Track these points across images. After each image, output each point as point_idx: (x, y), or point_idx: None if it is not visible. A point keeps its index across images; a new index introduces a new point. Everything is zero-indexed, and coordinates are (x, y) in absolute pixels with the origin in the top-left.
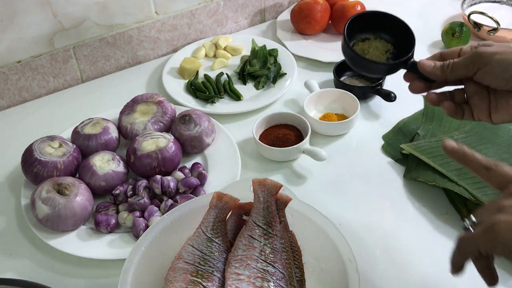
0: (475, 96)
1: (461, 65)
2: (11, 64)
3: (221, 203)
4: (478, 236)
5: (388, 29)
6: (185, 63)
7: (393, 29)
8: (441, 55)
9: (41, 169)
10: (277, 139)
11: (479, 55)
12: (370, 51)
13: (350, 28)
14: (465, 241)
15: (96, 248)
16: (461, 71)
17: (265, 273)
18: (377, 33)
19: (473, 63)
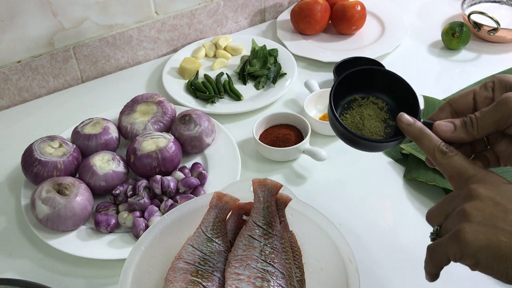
0: (501, 142)
1: (489, 121)
2: (11, 64)
3: (221, 203)
4: (445, 245)
5: (380, 85)
6: (185, 63)
7: (386, 84)
8: (450, 105)
9: (41, 169)
10: (277, 139)
11: (510, 106)
12: (364, 122)
13: (335, 95)
14: (434, 250)
15: (96, 248)
16: (491, 128)
17: (265, 273)
18: (366, 92)
19: (504, 117)
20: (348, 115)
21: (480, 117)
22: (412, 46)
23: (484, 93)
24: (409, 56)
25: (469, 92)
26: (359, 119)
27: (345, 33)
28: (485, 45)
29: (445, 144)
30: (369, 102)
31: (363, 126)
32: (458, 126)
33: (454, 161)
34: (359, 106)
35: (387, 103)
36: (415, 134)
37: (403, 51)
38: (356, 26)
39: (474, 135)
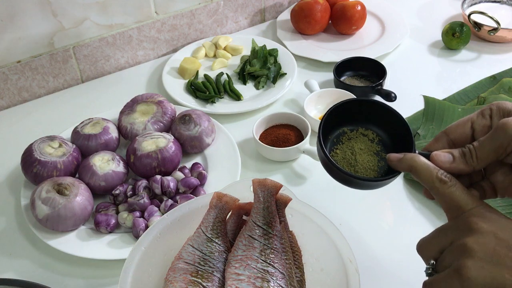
0: (498, 172)
1: (489, 151)
2: (11, 64)
3: (221, 203)
4: (445, 281)
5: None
6: (185, 63)
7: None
8: (447, 134)
9: (41, 169)
10: (277, 139)
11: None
12: (357, 157)
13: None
14: (432, 285)
15: (96, 248)
16: (490, 157)
17: (265, 273)
18: (354, 124)
19: (503, 145)
20: (338, 150)
21: (479, 147)
22: (412, 46)
23: (482, 121)
24: (409, 56)
25: (466, 120)
26: (351, 154)
27: (345, 33)
28: (485, 45)
29: (443, 173)
30: (358, 135)
31: (355, 161)
32: (457, 157)
33: (454, 191)
34: (349, 140)
35: (377, 134)
36: (409, 166)
37: (403, 51)
38: (356, 26)
39: (474, 166)
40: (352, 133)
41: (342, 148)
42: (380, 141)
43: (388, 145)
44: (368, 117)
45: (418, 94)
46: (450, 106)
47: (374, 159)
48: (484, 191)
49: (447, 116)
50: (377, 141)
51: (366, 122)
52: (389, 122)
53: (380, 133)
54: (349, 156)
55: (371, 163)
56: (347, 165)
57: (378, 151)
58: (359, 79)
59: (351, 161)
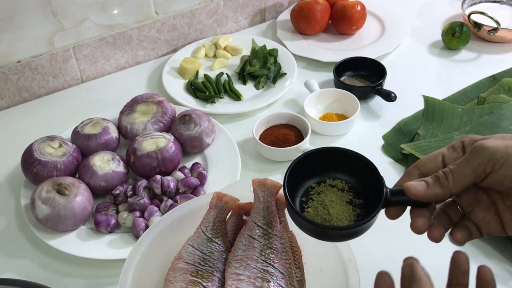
0: (476, 208)
1: (466, 171)
2: (11, 64)
3: (221, 203)
4: None
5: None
6: (185, 63)
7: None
8: (418, 168)
9: (41, 169)
10: (277, 139)
11: (487, 152)
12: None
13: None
14: None
15: (96, 248)
16: (468, 178)
17: (265, 273)
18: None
19: (482, 164)
20: (310, 208)
21: (455, 168)
22: (412, 46)
23: (454, 154)
24: (409, 56)
25: (437, 154)
26: (323, 209)
27: (345, 33)
28: (485, 45)
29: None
30: (326, 187)
31: (329, 216)
32: (431, 182)
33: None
34: (318, 194)
35: (346, 182)
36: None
37: (403, 51)
38: (356, 26)
39: (450, 188)
40: (320, 186)
41: (313, 205)
42: (350, 188)
43: (359, 190)
44: (333, 165)
45: (418, 94)
46: (450, 106)
47: (348, 209)
48: (470, 231)
49: (447, 116)
50: (347, 188)
51: (332, 172)
52: (354, 166)
53: (349, 180)
54: (322, 212)
55: (346, 213)
56: (321, 220)
57: (351, 199)
58: (359, 79)
59: (324, 216)
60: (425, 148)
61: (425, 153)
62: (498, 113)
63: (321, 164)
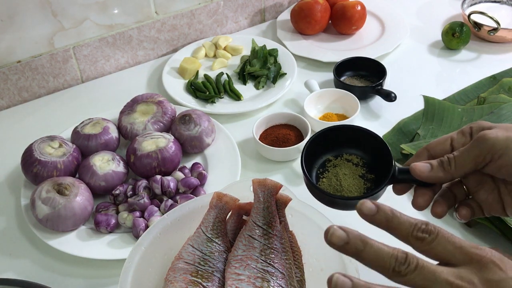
0: (481, 190)
1: (468, 159)
2: (11, 64)
3: (221, 203)
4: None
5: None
6: (185, 63)
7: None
8: (428, 151)
9: (41, 169)
10: (277, 139)
11: (488, 143)
12: (342, 182)
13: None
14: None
15: (96, 248)
16: (469, 165)
17: (265, 273)
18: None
19: (482, 154)
20: (325, 179)
21: (458, 155)
22: (412, 46)
23: (462, 139)
24: (409, 56)
25: (447, 138)
26: (336, 181)
27: (345, 33)
28: (485, 45)
29: (420, 227)
30: (343, 161)
31: (341, 187)
32: (435, 165)
33: (436, 246)
34: (334, 167)
35: (361, 158)
36: (382, 224)
37: (403, 51)
38: (356, 26)
39: (452, 173)
40: (337, 160)
41: (328, 176)
42: (364, 163)
43: (372, 166)
44: (350, 141)
45: (418, 94)
46: (450, 106)
47: (360, 182)
48: (473, 210)
49: (447, 116)
50: (362, 164)
51: (349, 146)
52: (370, 144)
53: (364, 156)
54: (335, 183)
55: (357, 186)
56: (333, 191)
57: (363, 173)
58: (359, 79)
59: (336, 187)
60: None
61: None
62: (498, 113)
63: (340, 139)
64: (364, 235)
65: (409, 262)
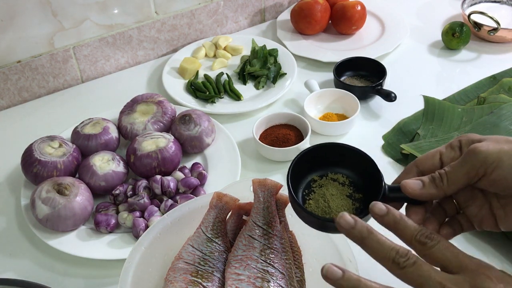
0: (472, 205)
1: (460, 174)
2: (11, 64)
3: (221, 203)
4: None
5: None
6: (185, 63)
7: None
8: (417, 166)
9: (41, 169)
10: (277, 139)
11: (480, 156)
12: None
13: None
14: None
15: (96, 248)
16: (461, 181)
17: (265, 273)
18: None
19: (475, 168)
20: (311, 200)
21: (450, 170)
22: (412, 46)
23: (451, 153)
24: (409, 56)
25: (435, 152)
26: (323, 202)
27: (345, 33)
28: (485, 45)
29: (424, 233)
30: (328, 180)
31: (329, 208)
32: (427, 182)
33: (435, 252)
34: (320, 187)
35: (347, 176)
36: (390, 225)
37: (403, 51)
38: (356, 26)
39: (444, 190)
40: (322, 180)
41: (314, 198)
42: (351, 182)
43: (359, 185)
44: (335, 160)
45: (418, 94)
46: (450, 106)
47: (348, 202)
48: (461, 225)
49: (447, 116)
50: (348, 183)
51: (334, 166)
52: (356, 162)
53: (350, 175)
54: (323, 204)
55: (346, 207)
56: (321, 213)
57: (351, 193)
58: (359, 79)
59: (325, 209)
60: (425, 148)
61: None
62: (498, 113)
63: (324, 158)
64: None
65: (409, 256)
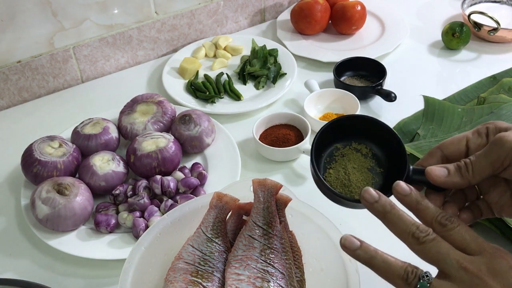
0: (493, 191)
1: (485, 164)
2: (11, 64)
3: (221, 203)
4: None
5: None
6: (185, 63)
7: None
8: (441, 150)
9: (41, 169)
10: (277, 139)
11: (506, 146)
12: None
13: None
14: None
15: (96, 248)
16: (487, 171)
17: (265, 273)
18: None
19: (500, 158)
20: (332, 170)
21: (475, 160)
22: (412, 46)
23: (478, 139)
24: (409, 56)
25: (462, 138)
26: (344, 175)
27: (345, 33)
28: (485, 45)
29: (444, 215)
30: (352, 150)
31: (349, 182)
32: (452, 170)
33: (454, 234)
34: (342, 157)
35: (371, 148)
36: (411, 205)
37: (403, 51)
38: (356, 26)
39: (469, 180)
40: (345, 149)
41: (335, 168)
42: (373, 155)
43: (381, 160)
44: (361, 132)
45: (418, 94)
46: (450, 106)
47: (368, 177)
48: (481, 211)
49: (447, 116)
50: (371, 155)
51: (359, 137)
52: (382, 137)
53: (374, 148)
54: (343, 177)
55: (365, 182)
56: (341, 185)
57: (372, 166)
58: (359, 79)
59: (344, 181)
60: (425, 148)
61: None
62: (498, 113)
63: (350, 129)
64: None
65: (429, 232)
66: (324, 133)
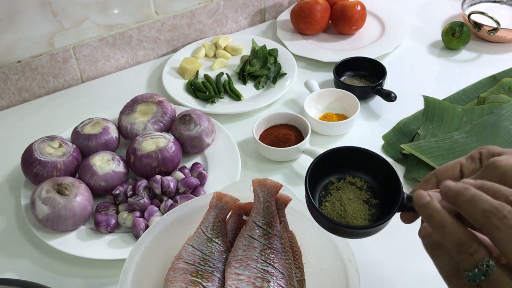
0: None
1: None
2: (11, 64)
3: (221, 203)
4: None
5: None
6: (185, 63)
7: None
8: (436, 177)
9: (41, 169)
10: (277, 139)
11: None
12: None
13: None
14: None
15: (96, 248)
16: None
17: (265, 273)
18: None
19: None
20: (327, 202)
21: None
22: (412, 46)
23: (472, 165)
24: (409, 56)
25: (456, 163)
26: (340, 206)
27: (345, 33)
28: (485, 45)
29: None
30: (346, 184)
31: (345, 213)
32: None
33: None
34: (337, 190)
35: (365, 181)
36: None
37: (403, 51)
38: (356, 26)
39: None
40: (340, 182)
41: (331, 200)
42: (368, 187)
43: (377, 191)
44: (354, 164)
45: (418, 94)
46: (450, 106)
47: (364, 208)
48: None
49: (447, 116)
50: (366, 188)
51: (352, 170)
52: (375, 168)
53: (368, 180)
54: (339, 208)
55: (362, 212)
56: (337, 217)
57: (368, 198)
58: (359, 79)
59: (340, 212)
60: (425, 148)
61: (425, 153)
62: (498, 113)
63: (343, 161)
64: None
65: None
66: (318, 164)
